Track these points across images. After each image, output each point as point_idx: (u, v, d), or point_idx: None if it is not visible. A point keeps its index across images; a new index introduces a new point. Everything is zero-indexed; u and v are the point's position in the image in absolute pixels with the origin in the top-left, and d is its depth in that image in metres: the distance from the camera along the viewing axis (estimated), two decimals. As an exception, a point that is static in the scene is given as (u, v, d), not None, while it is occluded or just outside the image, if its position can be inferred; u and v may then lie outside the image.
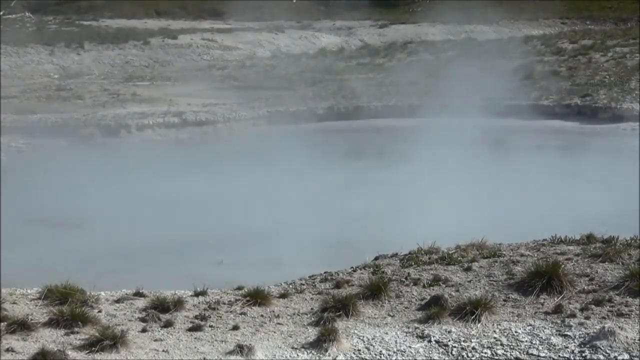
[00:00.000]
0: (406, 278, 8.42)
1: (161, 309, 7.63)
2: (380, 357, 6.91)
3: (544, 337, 7.08)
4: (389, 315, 7.64)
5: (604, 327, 7.00)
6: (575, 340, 6.99)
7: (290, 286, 8.46)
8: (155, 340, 7.04)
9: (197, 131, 21.40)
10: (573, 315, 7.39)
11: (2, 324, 7.13)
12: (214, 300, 7.96)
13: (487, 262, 8.77)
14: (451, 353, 6.92)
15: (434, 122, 22.20)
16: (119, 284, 8.58)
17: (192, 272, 9.88)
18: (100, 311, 7.64)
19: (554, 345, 6.95)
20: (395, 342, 7.10)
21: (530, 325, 7.30)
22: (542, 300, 7.75)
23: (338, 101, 23.69)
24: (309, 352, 6.92)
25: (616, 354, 6.74)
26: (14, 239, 12.05)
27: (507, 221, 12.41)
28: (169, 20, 46.31)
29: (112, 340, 6.77)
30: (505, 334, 7.17)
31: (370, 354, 6.94)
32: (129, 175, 16.55)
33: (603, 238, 9.33)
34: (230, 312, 7.69)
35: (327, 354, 6.88)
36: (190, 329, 7.28)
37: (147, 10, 48.68)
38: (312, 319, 7.52)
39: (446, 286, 8.16)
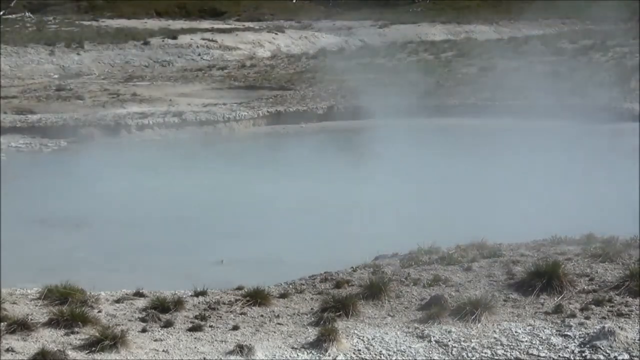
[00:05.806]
0: (406, 278, 8.42)
1: (161, 309, 7.63)
2: (380, 357, 6.91)
3: (544, 337, 7.08)
4: (389, 315, 7.64)
5: (604, 327, 6.99)
6: (575, 340, 6.99)
7: (290, 286, 8.46)
8: (155, 340, 7.04)
9: (197, 131, 21.39)
10: (573, 315, 7.39)
11: (2, 324, 7.13)
12: (214, 300, 7.96)
13: (487, 262, 8.77)
14: (451, 353, 6.92)
15: (433, 122, 22.24)
16: (119, 284, 8.58)
17: (192, 272, 9.87)
18: (100, 311, 7.64)
19: (554, 345, 6.94)
20: (395, 342, 7.09)
21: (530, 325, 7.29)
22: (542, 300, 7.75)
23: (338, 101, 23.68)
24: (309, 352, 6.91)
25: (616, 354, 6.74)
26: (14, 239, 12.04)
27: (507, 221, 12.39)
28: (169, 20, 46.37)
29: (112, 340, 6.76)
30: (505, 334, 7.16)
31: (370, 354, 6.94)
32: (128, 175, 16.55)
33: (603, 238, 9.34)
34: (230, 312, 7.69)
35: (327, 354, 6.87)
36: (190, 329, 7.27)
37: (147, 10, 48.74)
38: (312, 319, 7.52)
39: (446, 286, 8.16)
